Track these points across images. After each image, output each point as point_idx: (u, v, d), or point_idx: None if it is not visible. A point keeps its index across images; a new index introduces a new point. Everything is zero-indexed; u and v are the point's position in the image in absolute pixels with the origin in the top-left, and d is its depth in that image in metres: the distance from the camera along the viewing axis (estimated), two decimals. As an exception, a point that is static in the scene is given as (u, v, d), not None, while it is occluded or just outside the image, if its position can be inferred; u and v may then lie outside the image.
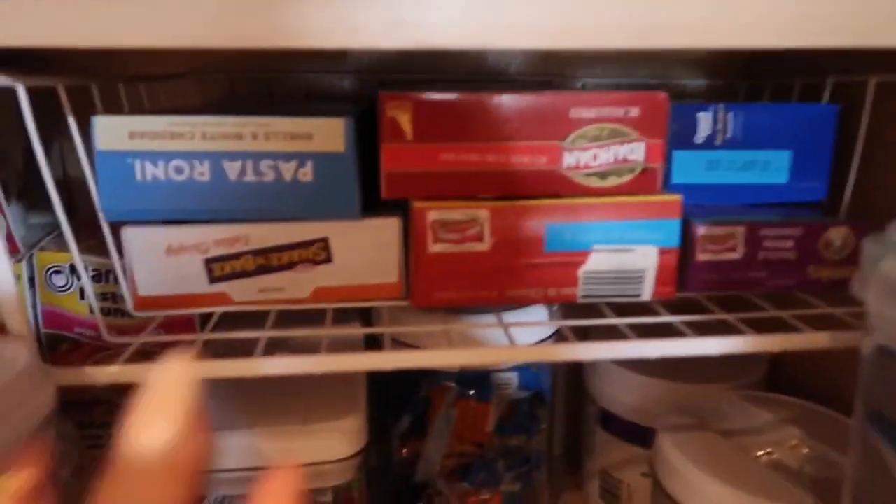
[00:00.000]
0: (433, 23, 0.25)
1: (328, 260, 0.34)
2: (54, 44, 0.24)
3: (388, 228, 0.34)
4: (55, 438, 0.26)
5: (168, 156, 0.31)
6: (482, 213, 0.33)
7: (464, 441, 0.49)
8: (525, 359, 0.33)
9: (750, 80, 0.53)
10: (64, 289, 0.46)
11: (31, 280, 0.45)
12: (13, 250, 0.46)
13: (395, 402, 0.49)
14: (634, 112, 0.33)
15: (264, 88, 0.53)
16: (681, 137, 0.40)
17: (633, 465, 0.52)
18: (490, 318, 0.37)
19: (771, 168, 0.41)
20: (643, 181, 0.34)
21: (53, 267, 0.45)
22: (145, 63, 0.50)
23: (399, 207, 0.34)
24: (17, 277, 0.44)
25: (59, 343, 0.46)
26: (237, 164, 0.32)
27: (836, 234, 0.37)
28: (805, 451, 0.41)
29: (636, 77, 0.56)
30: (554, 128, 0.33)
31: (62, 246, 0.45)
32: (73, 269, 0.45)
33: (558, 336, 0.46)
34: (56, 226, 0.50)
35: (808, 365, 0.51)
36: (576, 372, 0.57)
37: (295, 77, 0.53)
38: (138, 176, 0.31)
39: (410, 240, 0.33)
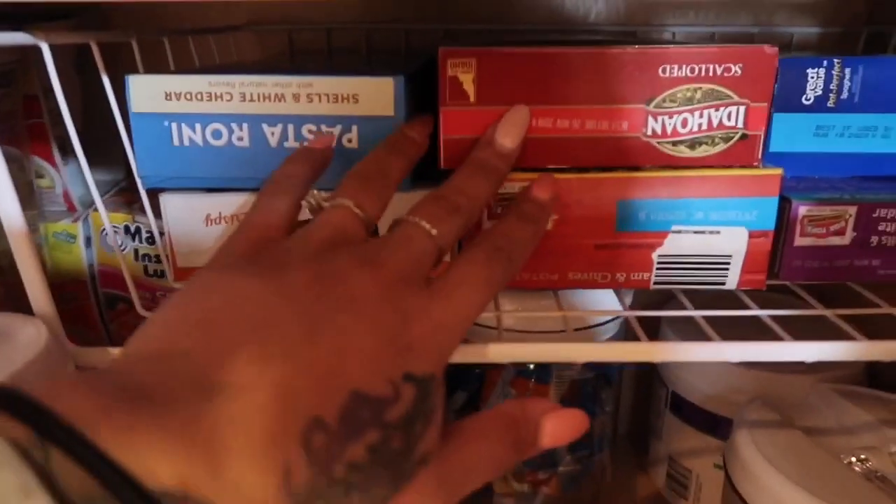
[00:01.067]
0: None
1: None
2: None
3: (440, 201, 0.30)
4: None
5: (206, 119, 0.29)
6: (546, 186, 0.29)
7: (521, 421, 0.46)
8: (590, 358, 0.30)
9: (873, 27, 0.45)
10: (118, 248, 0.45)
11: (88, 240, 0.45)
12: (70, 209, 0.46)
13: (450, 376, 0.47)
14: (737, 70, 0.28)
15: (324, 41, 0.50)
16: (785, 97, 0.34)
17: (704, 455, 0.48)
18: (550, 303, 0.33)
19: (894, 135, 0.35)
20: (740, 151, 0.29)
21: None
22: (201, 17, 0.48)
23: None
24: (74, 237, 0.44)
25: (115, 302, 0.46)
26: (278, 129, 0.29)
27: (973, 219, 0.31)
28: (909, 461, 0.36)
29: (736, 24, 0.49)
30: (639, 88, 0.28)
31: (119, 206, 0.44)
32: (127, 229, 0.44)
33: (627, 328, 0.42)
34: (115, 184, 0.49)
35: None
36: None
37: (354, 28, 0.49)
38: (175, 140, 0.29)
39: (465, 214, 0.30)
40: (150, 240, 0.43)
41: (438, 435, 0.19)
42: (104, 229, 0.44)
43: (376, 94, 0.29)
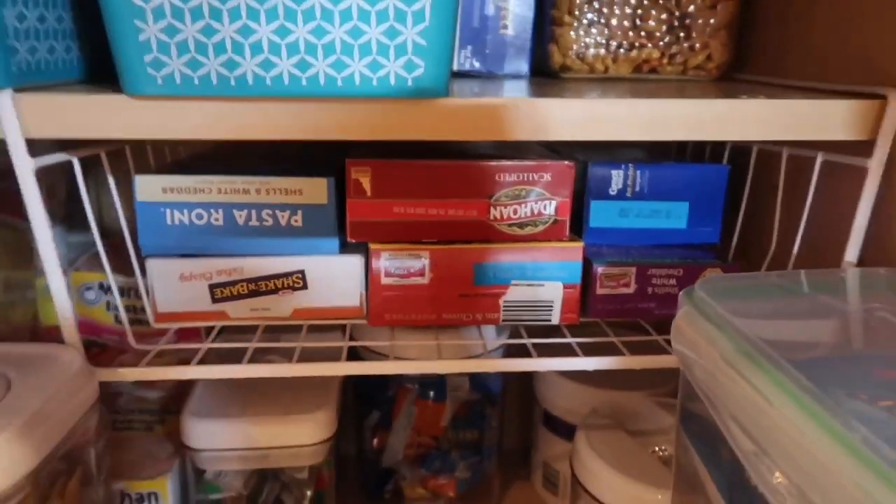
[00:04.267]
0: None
1: (304, 287, 0.43)
2: (110, 135, 0.34)
3: (351, 264, 0.43)
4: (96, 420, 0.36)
5: (192, 206, 0.41)
6: (424, 254, 0.42)
7: (422, 434, 0.58)
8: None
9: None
10: (94, 302, 0.56)
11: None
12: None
13: (367, 399, 0.59)
14: (546, 177, 0.43)
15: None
16: (599, 189, 0.49)
17: (567, 458, 0.61)
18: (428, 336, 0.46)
19: (672, 216, 0.50)
20: (553, 230, 0.43)
21: (85, 284, 0.55)
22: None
23: (361, 246, 0.43)
24: (59, 289, 0.54)
25: (88, 347, 0.56)
26: (244, 213, 0.41)
27: (712, 274, 0.46)
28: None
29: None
30: (483, 188, 0.42)
31: (92, 266, 0.55)
32: (101, 286, 0.54)
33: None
34: (88, 245, 0.60)
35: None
36: (528, 378, 0.66)
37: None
38: (168, 221, 0.41)
39: (369, 273, 0.43)
40: (121, 293, 0.54)
41: None
42: (81, 286, 0.55)
43: (315, 189, 0.41)
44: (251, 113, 0.34)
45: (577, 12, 0.49)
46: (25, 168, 0.34)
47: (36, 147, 0.35)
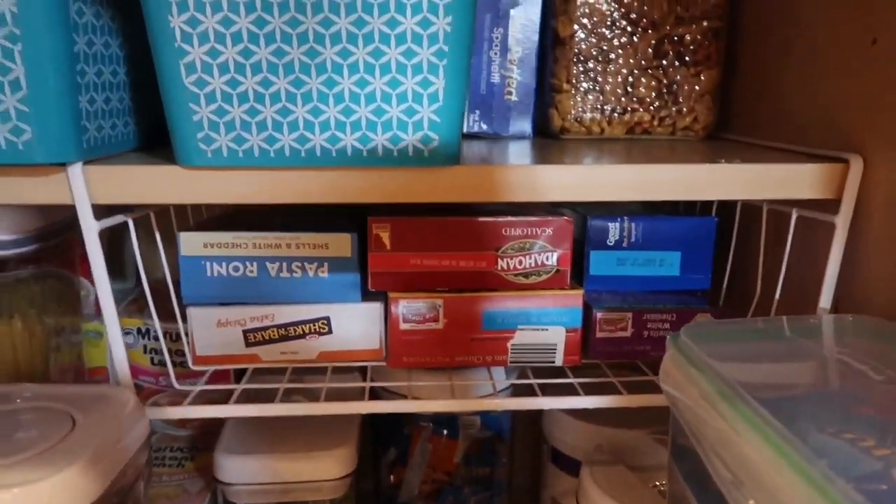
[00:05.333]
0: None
1: (329, 332, 0.47)
2: (165, 201, 0.39)
3: (372, 311, 0.48)
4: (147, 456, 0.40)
5: (229, 259, 0.46)
6: (438, 301, 0.47)
7: (437, 470, 0.61)
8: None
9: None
10: (132, 346, 0.60)
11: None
12: (98, 313, 0.61)
13: (384, 437, 0.63)
14: (548, 231, 0.47)
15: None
16: (597, 241, 0.53)
17: (573, 494, 0.64)
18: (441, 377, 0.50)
19: (665, 264, 0.54)
20: (556, 279, 0.48)
21: (124, 329, 0.60)
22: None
23: (381, 295, 0.48)
24: (100, 335, 0.59)
25: (128, 384, 0.60)
26: (276, 265, 0.46)
27: (702, 319, 0.50)
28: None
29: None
30: (491, 241, 0.47)
31: (130, 313, 0.59)
32: (138, 330, 0.59)
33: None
34: (124, 293, 0.64)
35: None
36: (536, 416, 0.69)
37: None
38: (208, 273, 0.46)
39: (388, 319, 0.47)
40: (156, 338, 0.58)
41: None
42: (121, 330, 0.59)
43: (340, 244, 0.46)
44: (288, 181, 0.39)
45: (574, 81, 0.54)
46: (91, 230, 0.39)
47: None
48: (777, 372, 0.35)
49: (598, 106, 0.55)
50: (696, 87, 0.54)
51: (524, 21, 0.55)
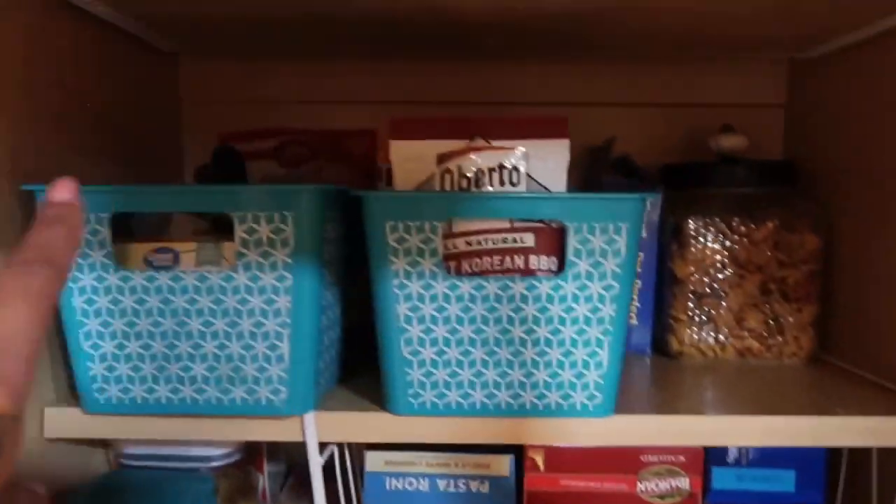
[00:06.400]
0: None
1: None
2: (374, 441, 0.48)
3: (526, 525, 0.55)
4: None
5: (406, 475, 0.54)
6: (585, 518, 0.54)
7: None
8: None
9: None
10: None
11: (278, 522, 0.68)
12: (263, 497, 0.69)
13: None
14: (682, 458, 0.54)
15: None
16: (718, 458, 0.60)
17: None
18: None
19: (781, 481, 0.60)
20: (688, 502, 0.54)
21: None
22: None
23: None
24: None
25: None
26: (444, 481, 0.54)
27: (824, 542, 0.55)
28: None
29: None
30: (632, 466, 0.54)
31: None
32: (303, 515, 0.67)
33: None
34: (285, 475, 0.73)
35: None
36: None
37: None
38: (388, 486, 0.54)
39: (540, 533, 0.54)
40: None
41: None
42: (286, 514, 0.68)
43: (500, 464, 0.54)
44: (477, 427, 0.48)
45: (689, 314, 0.63)
46: (316, 463, 0.49)
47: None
48: None
49: (712, 334, 0.63)
50: (799, 321, 0.62)
51: (643, 260, 0.65)
